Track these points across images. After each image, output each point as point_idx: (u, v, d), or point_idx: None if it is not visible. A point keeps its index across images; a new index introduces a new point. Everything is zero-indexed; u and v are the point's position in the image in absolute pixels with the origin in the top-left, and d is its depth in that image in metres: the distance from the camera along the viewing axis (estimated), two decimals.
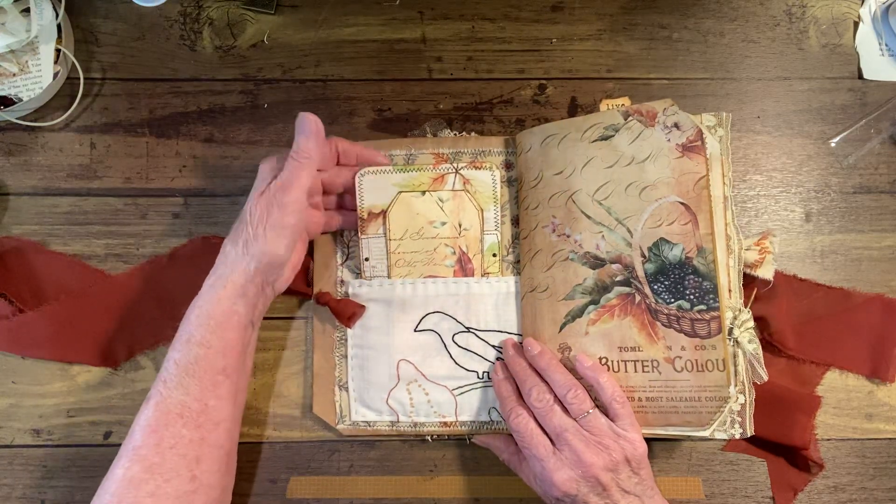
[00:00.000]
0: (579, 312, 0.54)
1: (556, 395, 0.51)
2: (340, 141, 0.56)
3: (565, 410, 0.51)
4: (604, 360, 0.53)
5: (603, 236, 0.54)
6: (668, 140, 0.53)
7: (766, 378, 0.52)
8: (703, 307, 0.51)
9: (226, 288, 0.50)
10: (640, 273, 0.53)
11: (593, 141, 0.55)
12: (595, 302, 0.54)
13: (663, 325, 0.52)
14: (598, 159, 0.55)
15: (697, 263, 0.52)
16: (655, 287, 0.52)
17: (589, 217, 0.55)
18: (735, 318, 0.52)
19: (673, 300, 0.52)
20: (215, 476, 0.49)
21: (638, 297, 0.53)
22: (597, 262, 0.54)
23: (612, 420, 0.50)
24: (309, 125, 0.51)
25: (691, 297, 0.51)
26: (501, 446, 0.55)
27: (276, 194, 0.50)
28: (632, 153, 0.54)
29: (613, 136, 0.55)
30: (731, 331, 0.52)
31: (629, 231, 0.54)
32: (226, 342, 0.50)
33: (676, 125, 0.53)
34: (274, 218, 0.50)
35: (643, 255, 0.53)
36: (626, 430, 0.50)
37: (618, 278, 0.53)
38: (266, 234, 0.50)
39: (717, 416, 0.51)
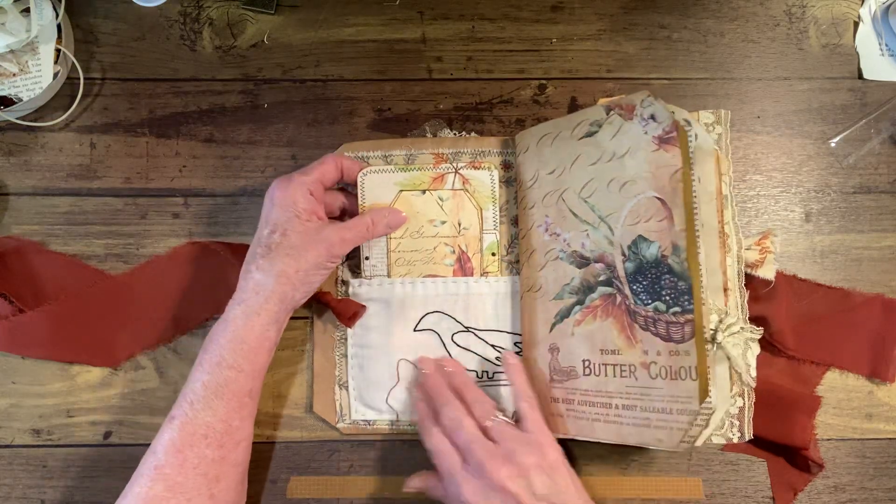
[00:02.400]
0: (567, 312, 0.53)
1: (468, 412, 0.51)
2: (344, 160, 0.56)
3: (476, 427, 0.50)
4: (586, 363, 0.51)
5: (588, 234, 0.53)
6: (646, 133, 0.50)
7: (753, 385, 0.51)
8: (677, 309, 0.47)
9: (260, 315, 0.50)
10: (621, 272, 0.51)
11: (580, 138, 0.54)
12: (581, 302, 0.53)
13: (641, 327, 0.49)
14: (583, 156, 0.53)
15: (672, 262, 0.47)
16: (634, 287, 0.49)
17: (576, 215, 0.54)
18: (721, 321, 0.49)
19: (650, 301, 0.48)
20: (231, 493, 0.50)
21: (619, 298, 0.50)
22: (582, 262, 0.53)
23: (521, 422, 0.50)
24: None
25: (667, 298, 0.48)
26: (434, 485, 0.52)
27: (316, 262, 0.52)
28: (613, 148, 0.52)
29: (597, 131, 0.53)
30: (714, 335, 0.48)
31: (610, 229, 0.51)
32: (255, 366, 0.50)
33: (653, 116, 0.50)
34: (313, 265, 0.52)
35: (623, 254, 0.50)
36: (533, 434, 0.49)
37: (601, 278, 0.52)
38: (308, 276, 0.51)
39: (690, 432, 0.46)
